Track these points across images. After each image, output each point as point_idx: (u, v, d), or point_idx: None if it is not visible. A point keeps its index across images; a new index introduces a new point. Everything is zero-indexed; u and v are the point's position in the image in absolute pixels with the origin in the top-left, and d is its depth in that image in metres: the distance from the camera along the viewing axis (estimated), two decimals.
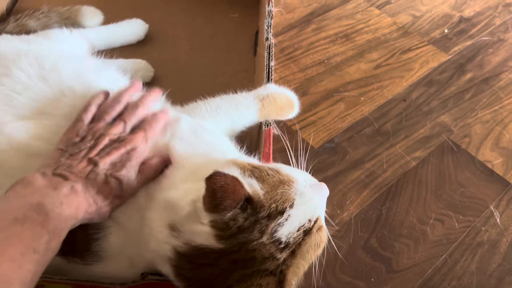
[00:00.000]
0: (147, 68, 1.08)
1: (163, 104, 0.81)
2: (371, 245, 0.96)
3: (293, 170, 0.66)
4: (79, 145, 0.63)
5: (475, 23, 1.48)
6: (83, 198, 0.58)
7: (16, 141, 0.66)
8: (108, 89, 0.75)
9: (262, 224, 0.58)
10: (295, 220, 0.59)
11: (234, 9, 1.29)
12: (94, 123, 0.67)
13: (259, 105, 0.84)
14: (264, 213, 0.58)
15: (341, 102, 1.21)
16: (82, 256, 0.66)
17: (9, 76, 0.72)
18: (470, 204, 1.05)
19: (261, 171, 0.61)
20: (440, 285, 0.92)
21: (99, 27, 1.12)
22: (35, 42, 0.90)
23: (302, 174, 0.66)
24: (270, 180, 0.60)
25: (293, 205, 0.59)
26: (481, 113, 1.23)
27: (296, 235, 0.59)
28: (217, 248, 0.57)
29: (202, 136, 0.73)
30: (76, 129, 0.65)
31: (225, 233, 0.57)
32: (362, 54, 1.34)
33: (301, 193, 0.61)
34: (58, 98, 0.71)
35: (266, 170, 0.61)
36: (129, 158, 0.64)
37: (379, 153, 1.11)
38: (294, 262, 0.59)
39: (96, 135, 0.65)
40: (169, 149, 0.69)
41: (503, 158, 1.14)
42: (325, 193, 0.65)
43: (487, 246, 0.98)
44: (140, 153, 0.65)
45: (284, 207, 0.59)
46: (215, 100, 0.83)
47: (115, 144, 0.64)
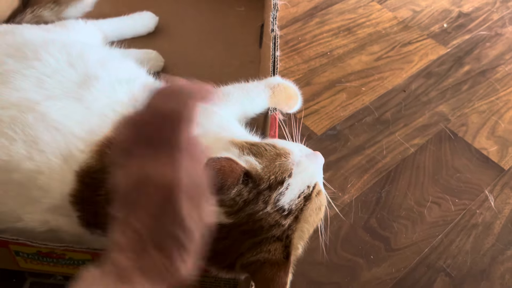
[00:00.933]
0: (157, 58, 1.14)
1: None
2: (371, 225, 1.01)
3: (289, 143, 0.71)
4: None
5: (474, 18, 1.52)
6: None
7: (50, 118, 0.71)
8: (129, 77, 0.81)
9: (265, 195, 0.63)
10: (295, 188, 0.64)
11: (240, 2, 1.34)
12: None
13: (270, 93, 0.89)
14: (264, 185, 0.63)
15: (343, 92, 1.26)
16: (104, 228, 0.71)
17: (40, 60, 0.77)
18: (465, 188, 1.09)
19: (259, 147, 0.66)
20: (436, 263, 0.97)
21: (112, 19, 1.17)
22: (53, 32, 0.96)
23: (297, 146, 0.71)
24: (267, 154, 0.65)
25: (291, 174, 0.65)
26: (478, 103, 1.28)
27: (298, 202, 0.64)
28: (228, 223, 0.62)
29: (213, 119, 0.79)
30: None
31: (233, 209, 0.62)
32: (363, 46, 1.39)
33: (298, 162, 0.66)
34: (84, 82, 0.76)
35: (264, 146, 0.67)
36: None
37: (379, 140, 1.16)
38: (299, 226, 0.64)
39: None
40: None
41: (498, 146, 1.18)
42: (320, 161, 0.71)
43: (481, 227, 1.03)
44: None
45: (283, 177, 0.64)
46: (227, 87, 0.89)
47: None
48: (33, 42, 0.82)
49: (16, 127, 0.70)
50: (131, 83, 0.80)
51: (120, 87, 0.78)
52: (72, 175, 0.69)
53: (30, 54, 0.78)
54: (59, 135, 0.70)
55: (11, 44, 0.81)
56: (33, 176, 0.69)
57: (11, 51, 0.80)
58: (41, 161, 0.69)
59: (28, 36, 0.84)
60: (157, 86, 0.56)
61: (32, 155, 0.69)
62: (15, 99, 0.72)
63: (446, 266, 0.97)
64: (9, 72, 0.76)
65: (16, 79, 0.75)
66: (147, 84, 0.84)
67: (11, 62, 0.77)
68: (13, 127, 0.70)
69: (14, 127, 0.70)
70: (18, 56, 0.78)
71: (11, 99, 0.73)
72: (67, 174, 0.69)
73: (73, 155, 0.69)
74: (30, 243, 0.70)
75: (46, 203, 0.70)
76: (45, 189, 0.69)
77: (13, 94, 0.73)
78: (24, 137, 0.69)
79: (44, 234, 0.72)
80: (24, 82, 0.74)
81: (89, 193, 0.69)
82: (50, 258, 0.76)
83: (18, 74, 0.75)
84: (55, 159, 0.69)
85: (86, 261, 0.76)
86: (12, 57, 0.79)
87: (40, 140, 0.69)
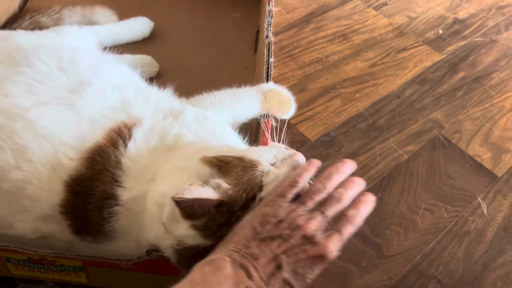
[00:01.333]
0: (152, 64, 1.14)
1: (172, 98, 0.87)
2: (363, 232, 1.01)
3: (260, 150, 0.68)
4: (273, 231, 0.57)
5: (469, 25, 1.53)
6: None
7: (38, 126, 0.71)
8: (122, 83, 0.80)
9: (239, 215, 0.61)
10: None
11: (236, 8, 1.35)
12: (295, 204, 0.59)
13: (262, 98, 0.89)
14: (237, 206, 0.61)
15: (337, 98, 1.26)
16: (94, 235, 0.71)
17: (30, 66, 0.77)
18: (458, 195, 1.10)
19: (227, 163, 0.63)
20: (428, 270, 0.97)
21: (107, 25, 1.18)
22: (48, 36, 0.96)
23: (271, 151, 0.67)
24: (235, 171, 0.62)
25: (261, 187, 0.62)
26: (472, 110, 1.28)
27: None
28: (208, 244, 0.61)
29: (206, 125, 0.79)
30: (276, 208, 0.58)
31: (209, 232, 0.61)
32: (358, 53, 1.39)
33: (267, 173, 0.63)
34: (76, 88, 0.76)
35: (232, 162, 0.63)
36: (312, 267, 0.56)
37: (373, 146, 1.17)
38: None
39: (293, 224, 0.57)
40: (177, 139, 0.74)
41: (491, 153, 1.19)
42: (297, 161, 0.66)
43: (473, 235, 1.03)
44: (326, 263, 0.57)
45: (254, 192, 0.61)
46: (219, 92, 0.89)
47: (307, 246, 0.56)
48: (24, 48, 0.82)
49: (4, 135, 0.70)
50: (124, 89, 0.80)
51: (112, 93, 0.78)
52: (61, 185, 0.69)
53: (21, 60, 0.78)
54: (48, 144, 0.70)
55: (2, 50, 0.82)
56: (22, 186, 0.69)
57: (2, 57, 0.80)
58: (29, 171, 0.69)
59: (20, 42, 0.85)
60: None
61: (20, 165, 0.69)
62: (4, 106, 0.72)
63: (438, 274, 0.97)
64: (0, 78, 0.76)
65: (5, 85, 0.75)
66: (140, 90, 0.84)
67: (2, 68, 0.77)
68: (1, 135, 0.70)
69: (2, 135, 0.70)
70: (9, 63, 0.78)
71: (0, 106, 0.73)
72: (56, 184, 0.69)
73: (62, 163, 0.69)
74: (20, 249, 0.71)
75: (36, 212, 0.70)
76: (34, 199, 0.69)
77: (2, 100, 0.73)
78: (12, 145, 0.69)
79: (35, 241, 0.72)
80: (14, 88, 0.74)
81: (79, 201, 0.69)
82: (41, 265, 0.76)
83: (8, 81, 0.75)
84: (43, 168, 0.69)
85: (77, 267, 0.76)
86: (3, 63, 0.79)
87: (28, 149, 0.69)
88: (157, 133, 0.74)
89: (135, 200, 0.69)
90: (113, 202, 0.68)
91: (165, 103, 0.81)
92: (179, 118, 0.77)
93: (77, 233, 0.71)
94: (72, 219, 0.70)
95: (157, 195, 0.66)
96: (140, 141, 0.72)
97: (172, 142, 0.73)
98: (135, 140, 0.72)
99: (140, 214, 0.68)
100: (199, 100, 0.87)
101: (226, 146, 0.73)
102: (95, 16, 1.17)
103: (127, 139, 0.72)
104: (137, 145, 0.71)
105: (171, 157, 0.71)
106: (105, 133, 0.72)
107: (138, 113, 0.76)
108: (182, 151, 0.71)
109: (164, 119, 0.76)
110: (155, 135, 0.73)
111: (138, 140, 0.72)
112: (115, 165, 0.69)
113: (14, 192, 0.69)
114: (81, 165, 0.69)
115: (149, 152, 0.72)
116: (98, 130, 0.73)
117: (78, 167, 0.69)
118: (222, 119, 0.85)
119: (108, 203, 0.68)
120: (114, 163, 0.69)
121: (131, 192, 0.68)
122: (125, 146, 0.71)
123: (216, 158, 0.64)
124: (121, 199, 0.68)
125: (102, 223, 0.70)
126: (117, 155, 0.70)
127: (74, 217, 0.70)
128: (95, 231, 0.71)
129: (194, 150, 0.69)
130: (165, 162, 0.70)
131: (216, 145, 0.72)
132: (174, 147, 0.73)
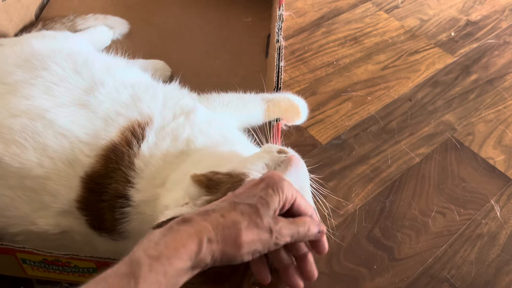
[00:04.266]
0: (164, 68, 1.16)
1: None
2: (374, 235, 1.01)
3: (248, 162, 0.65)
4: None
5: (482, 27, 1.52)
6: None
7: (57, 125, 0.73)
8: (134, 81, 0.82)
9: None
10: None
11: (248, 13, 1.36)
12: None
13: (265, 106, 0.91)
14: None
15: (348, 101, 1.27)
16: (110, 233, 0.73)
17: (47, 70, 0.80)
18: (471, 198, 1.09)
19: (216, 182, 0.62)
20: (440, 274, 0.97)
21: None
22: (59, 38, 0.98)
23: (261, 160, 0.65)
24: (224, 188, 0.61)
25: None
26: (485, 112, 1.28)
27: None
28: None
29: (216, 126, 0.80)
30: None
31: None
32: (370, 56, 1.39)
33: None
34: (90, 88, 0.79)
35: (220, 179, 0.62)
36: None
37: (384, 149, 1.17)
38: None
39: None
40: (189, 143, 0.75)
41: (505, 156, 1.18)
42: (293, 168, 0.63)
43: (486, 238, 1.03)
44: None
45: None
46: (227, 95, 0.90)
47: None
48: (40, 52, 0.85)
49: (27, 135, 0.73)
50: (136, 87, 0.82)
51: (124, 90, 0.81)
52: (78, 181, 0.72)
53: (38, 64, 0.81)
54: (66, 141, 0.72)
55: (19, 55, 0.84)
56: (43, 182, 0.72)
57: (19, 62, 0.82)
58: (49, 167, 0.71)
59: (36, 46, 0.87)
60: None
61: (41, 162, 0.72)
62: (25, 107, 0.75)
63: (450, 277, 0.96)
64: (18, 82, 0.79)
65: (25, 88, 0.78)
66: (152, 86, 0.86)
67: (20, 72, 0.80)
68: (24, 135, 0.73)
69: (25, 135, 0.73)
70: (27, 67, 0.81)
71: (21, 107, 0.75)
72: (73, 179, 0.72)
73: (79, 160, 0.72)
74: (36, 251, 0.72)
75: (56, 207, 0.73)
76: (54, 195, 0.72)
77: (23, 102, 0.76)
78: (34, 144, 0.72)
79: (57, 235, 0.75)
80: (33, 91, 0.77)
81: (94, 198, 0.71)
82: (56, 266, 0.78)
83: (27, 84, 0.78)
84: (62, 165, 0.72)
85: (91, 269, 0.77)
86: (21, 67, 0.81)
87: (49, 147, 0.72)
88: (169, 134, 0.75)
89: (147, 203, 0.70)
90: (125, 202, 0.70)
91: (173, 97, 0.83)
92: (190, 118, 0.78)
93: (94, 229, 0.73)
94: (89, 215, 0.72)
95: (163, 206, 0.67)
96: (153, 142, 0.73)
97: (184, 145, 0.75)
98: (147, 141, 0.73)
99: (151, 218, 0.69)
100: (208, 99, 0.88)
101: (230, 154, 0.72)
102: (108, 22, 1.19)
103: (140, 139, 0.73)
104: (150, 146, 0.73)
105: (182, 162, 0.72)
106: (120, 132, 0.74)
107: (149, 110, 0.78)
108: (192, 156, 0.73)
109: (175, 117, 0.78)
110: (167, 137, 0.75)
111: (150, 141, 0.73)
112: (128, 165, 0.71)
113: (36, 188, 0.72)
114: (96, 162, 0.72)
115: (161, 155, 0.73)
116: (112, 127, 0.75)
117: (93, 163, 0.72)
118: (230, 121, 0.87)
119: (120, 203, 0.70)
120: (127, 163, 0.71)
121: (143, 194, 0.70)
122: (139, 147, 0.73)
123: (205, 177, 0.63)
124: (133, 200, 0.70)
125: (115, 224, 0.71)
126: (130, 155, 0.72)
127: (90, 213, 0.72)
128: (109, 229, 0.73)
129: (202, 157, 0.70)
130: (176, 168, 0.71)
131: (220, 154, 0.72)
132: (186, 151, 0.74)
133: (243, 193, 0.54)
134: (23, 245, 0.73)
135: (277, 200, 0.53)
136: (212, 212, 0.52)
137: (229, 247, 0.50)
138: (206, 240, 0.49)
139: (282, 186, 0.53)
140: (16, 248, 0.73)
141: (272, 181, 0.54)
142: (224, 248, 0.50)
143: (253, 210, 0.52)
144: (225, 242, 0.50)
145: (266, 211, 0.52)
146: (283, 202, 0.53)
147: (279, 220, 0.53)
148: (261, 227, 0.51)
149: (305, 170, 0.66)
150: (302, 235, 0.54)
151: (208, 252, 0.49)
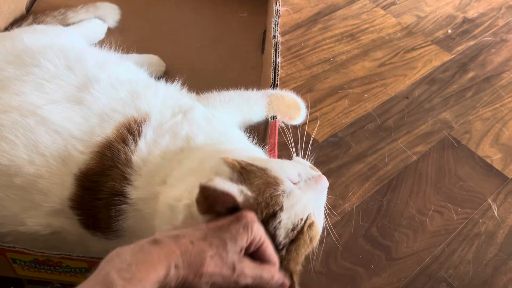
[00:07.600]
0: (159, 63, 1.14)
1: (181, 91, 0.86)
2: (371, 234, 1.00)
3: (285, 166, 0.64)
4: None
5: (479, 24, 1.51)
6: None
7: (50, 121, 0.71)
8: (131, 78, 0.80)
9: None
10: (287, 222, 0.59)
11: (243, 8, 1.34)
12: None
13: (267, 100, 0.89)
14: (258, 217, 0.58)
15: (345, 98, 1.25)
16: (104, 232, 0.71)
17: (39, 67, 0.78)
18: (468, 197, 1.08)
19: (249, 172, 0.61)
20: (437, 273, 0.96)
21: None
22: (50, 33, 0.96)
23: (296, 168, 0.64)
24: (256, 182, 0.60)
25: (282, 208, 0.59)
26: (482, 110, 1.27)
27: (291, 235, 0.60)
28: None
29: (215, 125, 0.78)
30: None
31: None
32: (366, 53, 1.38)
33: (289, 194, 0.60)
34: (84, 85, 0.77)
35: (254, 172, 0.61)
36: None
37: (381, 147, 1.16)
38: (291, 257, 0.60)
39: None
40: (189, 140, 0.73)
41: (502, 154, 1.17)
42: (320, 187, 0.64)
43: (484, 237, 1.02)
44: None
45: (275, 210, 0.59)
46: (228, 92, 0.89)
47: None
48: (32, 48, 0.82)
49: (18, 131, 0.71)
50: (133, 83, 0.80)
51: (121, 86, 0.79)
52: (71, 179, 0.69)
53: (29, 60, 0.79)
54: (59, 138, 0.70)
55: (10, 51, 0.82)
56: (34, 180, 0.69)
57: (10, 58, 0.80)
58: (41, 164, 0.69)
59: (27, 42, 0.85)
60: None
61: (32, 159, 0.69)
62: (16, 103, 0.73)
63: (448, 276, 0.95)
64: (9, 78, 0.77)
65: (16, 84, 0.75)
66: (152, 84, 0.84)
67: (11, 69, 0.78)
68: (14, 131, 0.71)
69: (16, 132, 0.71)
70: (17, 63, 0.79)
71: (11, 103, 0.73)
72: (66, 177, 0.69)
73: (72, 156, 0.70)
74: (26, 250, 0.70)
75: (47, 206, 0.70)
76: (45, 193, 0.70)
77: (14, 98, 0.74)
78: (25, 141, 0.70)
79: (47, 236, 0.72)
80: (24, 87, 0.75)
81: (88, 196, 0.69)
82: (47, 266, 0.76)
83: (18, 81, 0.76)
84: (55, 162, 0.70)
85: (83, 269, 0.75)
86: (12, 63, 0.79)
87: (40, 143, 0.70)
88: (167, 131, 0.73)
89: (145, 201, 0.68)
90: (121, 199, 0.68)
91: (173, 97, 0.81)
92: (188, 115, 0.76)
93: (88, 228, 0.71)
94: (82, 214, 0.70)
95: (170, 198, 0.65)
96: (151, 139, 0.72)
97: (184, 143, 0.73)
98: (145, 138, 0.71)
99: (149, 215, 0.68)
100: (208, 98, 0.87)
101: (243, 152, 0.71)
102: (99, 11, 1.16)
103: (137, 136, 0.71)
104: (148, 143, 0.71)
105: (184, 159, 0.70)
106: (116, 128, 0.72)
107: (147, 107, 0.76)
108: (195, 153, 0.71)
109: (173, 115, 0.76)
110: (166, 134, 0.73)
111: (149, 138, 0.72)
112: (125, 162, 0.69)
113: (26, 187, 0.69)
114: (90, 158, 0.69)
115: (160, 152, 0.71)
116: (108, 124, 0.73)
117: (87, 160, 0.69)
118: (230, 119, 0.85)
119: (117, 201, 0.68)
120: (124, 160, 0.69)
121: (141, 192, 0.68)
122: (135, 144, 0.71)
123: (239, 163, 0.62)
124: (130, 198, 0.68)
125: (110, 222, 0.70)
126: (127, 152, 0.70)
127: (84, 212, 0.70)
128: (104, 228, 0.71)
129: (208, 153, 0.69)
130: (177, 165, 0.69)
131: (232, 150, 0.71)
132: (186, 148, 0.72)
133: (216, 227, 0.55)
134: (13, 245, 0.71)
135: (245, 239, 0.54)
136: (182, 237, 0.53)
137: (192, 275, 0.52)
138: (174, 266, 0.51)
139: (252, 226, 0.55)
140: (6, 248, 0.71)
141: (244, 220, 0.55)
142: (188, 275, 0.52)
143: (221, 243, 0.53)
144: (189, 269, 0.52)
145: (233, 247, 0.53)
146: (250, 241, 0.55)
147: (244, 260, 0.54)
148: (225, 261, 0.53)
149: (326, 192, 0.66)
150: (265, 281, 0.55)
151: (174, 277, 0.51)
